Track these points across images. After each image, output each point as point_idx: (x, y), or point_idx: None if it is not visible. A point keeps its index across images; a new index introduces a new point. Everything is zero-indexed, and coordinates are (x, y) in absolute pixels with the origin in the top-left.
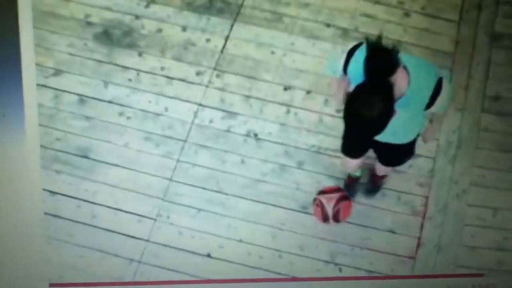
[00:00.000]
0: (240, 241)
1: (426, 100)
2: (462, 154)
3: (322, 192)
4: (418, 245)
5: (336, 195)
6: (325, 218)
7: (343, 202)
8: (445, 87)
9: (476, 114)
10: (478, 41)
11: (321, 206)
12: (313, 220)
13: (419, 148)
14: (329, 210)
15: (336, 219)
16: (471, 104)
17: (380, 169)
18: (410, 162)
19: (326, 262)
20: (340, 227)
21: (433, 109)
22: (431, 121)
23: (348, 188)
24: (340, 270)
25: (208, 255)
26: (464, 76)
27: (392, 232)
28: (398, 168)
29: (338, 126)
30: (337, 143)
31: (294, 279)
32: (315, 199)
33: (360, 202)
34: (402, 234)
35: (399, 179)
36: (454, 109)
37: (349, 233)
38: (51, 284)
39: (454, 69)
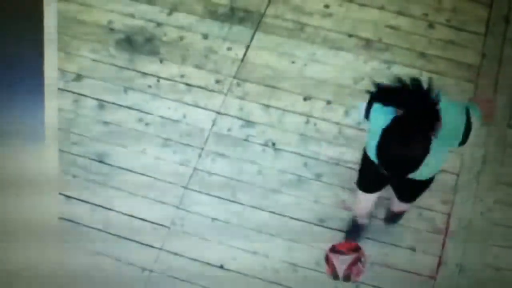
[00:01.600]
0: (255, 253)
1: (459, 138)
2: (487, 170)
3: (335, 251)
4: (439, 264)
5: (349, 258)
6: (335, 277)
7: (355, 267)
8: (474, 119)
9: (502, 130)
10: (505, 54)
11: (332, 267)
12: (330, 233)
13: None
14: (340, 273)
15: (347, 280)
16: (497, 119)
17: (398, 205)
18: None
19: None
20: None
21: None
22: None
23: (352, 233)
24: (358, 287)
25: (221, 267)
26: (490, 90)
27: (413, 249)
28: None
29: (358, 138)
30: (357, 155)
31: None
32: (327, 256)
33: (380, 218)
34: (422, 252)
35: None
36: (479, 124)
37: (368, 250)
38: None
39: (479, 82)
